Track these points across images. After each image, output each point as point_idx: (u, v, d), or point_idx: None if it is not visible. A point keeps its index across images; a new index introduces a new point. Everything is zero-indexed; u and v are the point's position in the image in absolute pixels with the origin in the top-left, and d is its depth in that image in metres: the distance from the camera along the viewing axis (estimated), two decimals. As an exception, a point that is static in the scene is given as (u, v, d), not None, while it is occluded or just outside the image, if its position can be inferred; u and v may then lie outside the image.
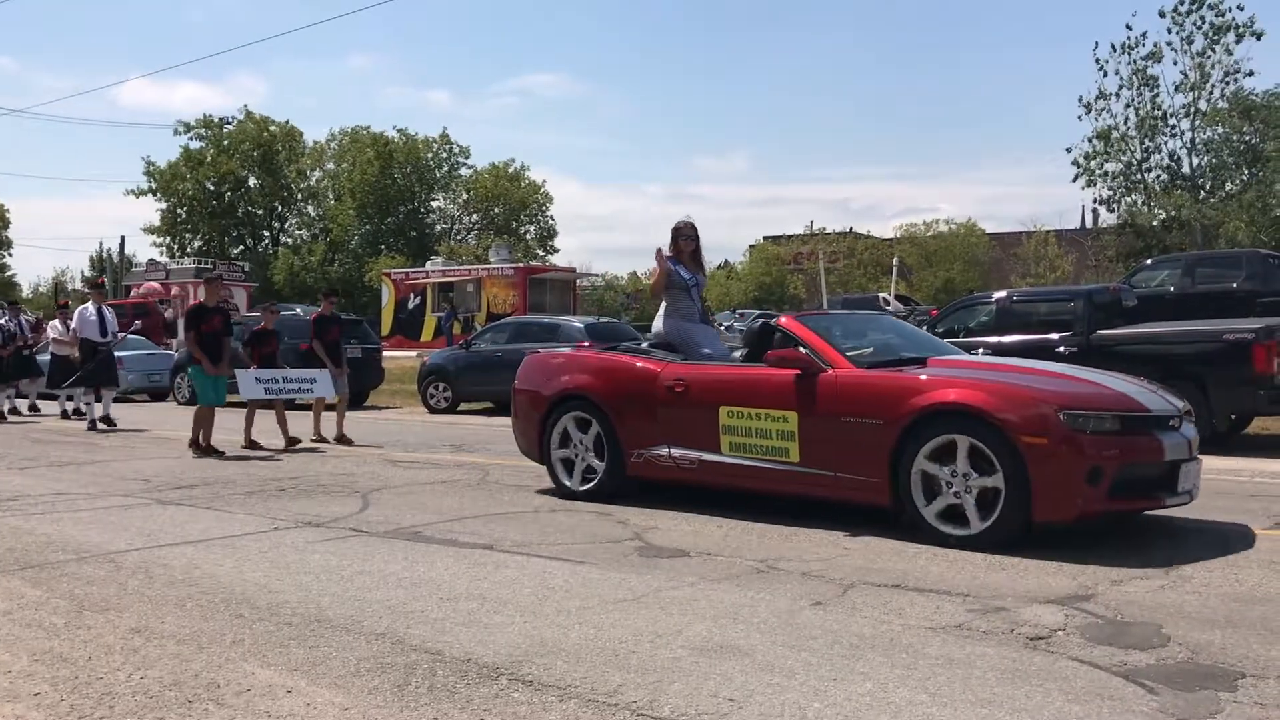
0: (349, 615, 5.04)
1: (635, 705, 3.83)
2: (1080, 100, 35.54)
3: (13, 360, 18.82)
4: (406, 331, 36.98)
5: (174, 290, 40.37)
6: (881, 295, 33.75)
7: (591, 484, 8.50)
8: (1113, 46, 35.02)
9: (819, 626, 4.83)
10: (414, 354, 29.66)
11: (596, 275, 54.91)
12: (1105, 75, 35.20)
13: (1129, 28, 34.80)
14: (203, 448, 12.27)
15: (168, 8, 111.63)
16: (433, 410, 20.07)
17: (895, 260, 39.45)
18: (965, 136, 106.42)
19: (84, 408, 16.97)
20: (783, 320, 8.06)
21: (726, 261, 63.63)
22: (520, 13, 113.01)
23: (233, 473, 10.48)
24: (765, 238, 62.56)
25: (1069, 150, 36.08)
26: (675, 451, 7.99)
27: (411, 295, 37.90)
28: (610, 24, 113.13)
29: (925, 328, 14.92)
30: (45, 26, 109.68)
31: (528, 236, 63.02)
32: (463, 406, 20.11)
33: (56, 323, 19.04)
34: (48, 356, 18.71)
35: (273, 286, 55.76)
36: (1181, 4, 33.74)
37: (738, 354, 8.64)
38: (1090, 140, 35.67)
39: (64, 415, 18.72)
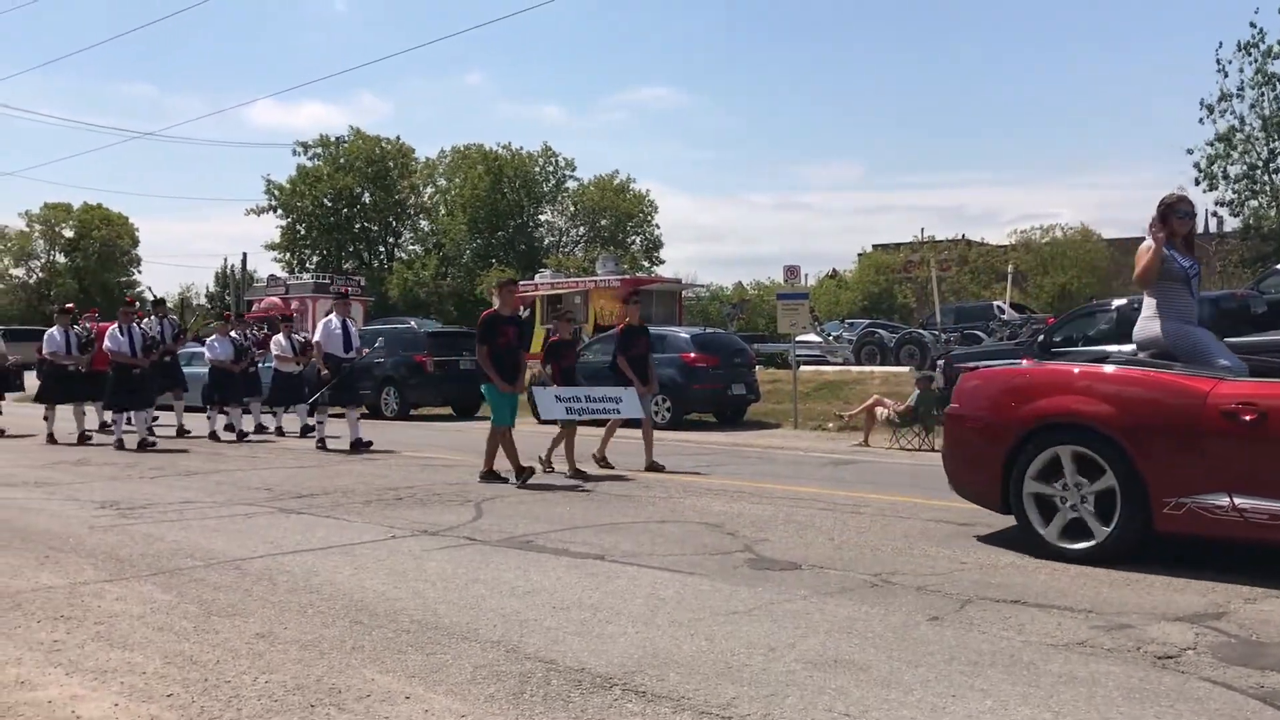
0: (465, 623, 5.12)
1: (750, 719, 3.81)
2: (1202, 102, 34.37)
3: (156, 369, 16.27)
4: (517, 343, 37.46)
5: (294, 305, 41.57)
6: (996, 303, 32.95)
7: (1095, 542, 6.44)
8: (1238, 45, 33.75)
9: (936, 642, 4.74)
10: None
11: (702, 286, 54.84)
12: (1226, 76, 33.96)
13: (1253, 25, 33.48)
14: (509, 471, 10.67)
15: (293, 31, 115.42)
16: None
17: (1010, 267, 38.54)
18: (1084, 139, 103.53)
19: (316, 426, 15.09)
20: None
21: (835, 271, 62.98)
22: (633, 28, 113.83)
23: (351, 482, 10.74)
24: (874, 246, 61.77)
25: (1190, 152, 34.92)
26: (1246, 502, 5.91)
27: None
28: (718, 35, 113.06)
29: (1041, 336, 14.60)
30: (180, 53, 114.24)
31: (634, 248, 63.30)
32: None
33: (280, 337, 17.61)
34: (233, 370, 16.98)
35: (387, 301, 57.02)
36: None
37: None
38: (1212, 143, 34.45)
39: (213, 436, 16.38)
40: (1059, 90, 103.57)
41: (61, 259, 69.98)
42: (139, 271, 74.35)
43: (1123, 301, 14.31)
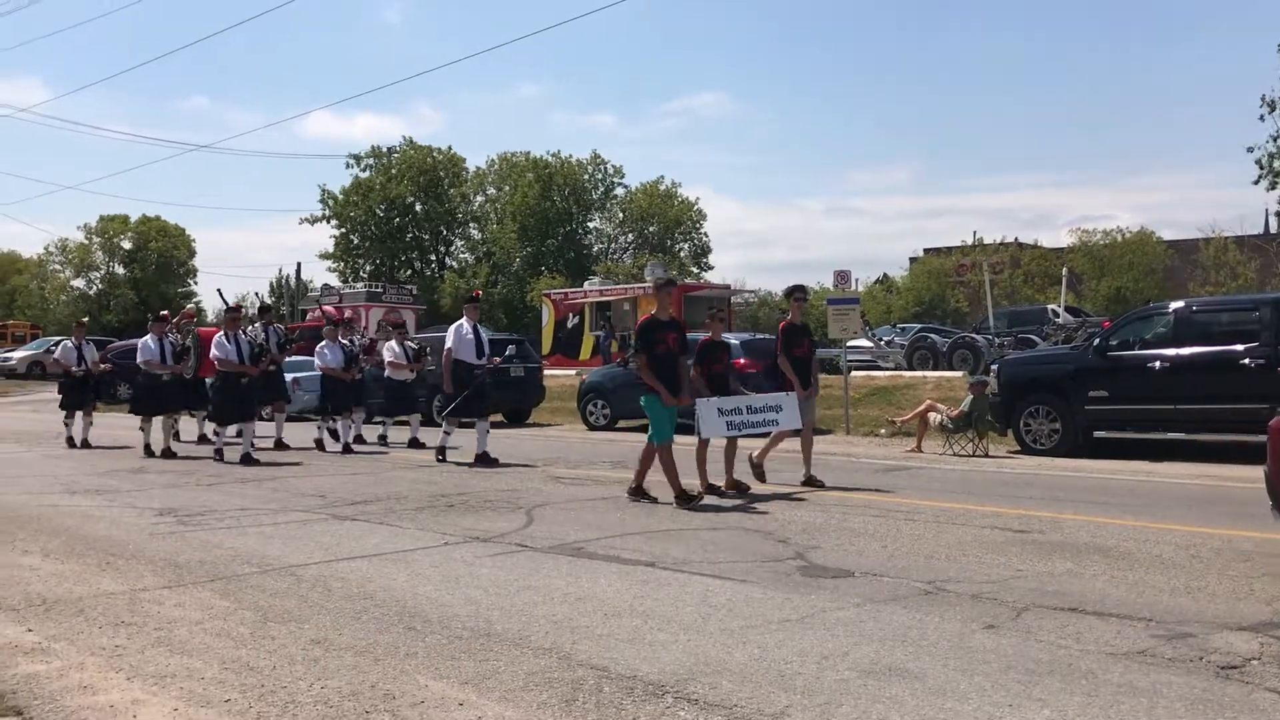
0: (516, 630, 5.14)
1: (802, 727, 3.78)
2: (1263, 99, 33.72)
3: (262, 379, 15.31)
4: (566, 350, 37.55)
5: (347, 313, 42.03)
6: (1050, 307, 32.53)
7: None
8: (1300, 40, 33.08)
9: (992, 650, 4.68)
10: (573, 372, 30.11)
11: (750, 292, 54.67)
12: (1288, 72, 33.32)
13: (1315, 20, 32.78)
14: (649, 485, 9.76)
15: (349, 43, 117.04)
16: (592, 427, 20.33)
17: (1065, 270, 38.00)
18: (1142, 139, 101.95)
19: (443, 437, 14.06)
20: None
21: (885, 275, 62.54)
22: (685, 35, 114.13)
23: (404, 489, 10.83)
24: (926, 250, 61.23)
25: (1250, 150, 34.29)
26: None
27: (570, 315, 38.50)
28: (770, 41, 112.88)
29: (1097, 340, 14.38)
30: (236, 66, 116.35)
31: (681, 254, 63.29)
32: (621, 423, 20.31)
33: (393, 344, 16.99)
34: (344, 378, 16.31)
35: (439, 309, 57.48)
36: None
37: None
38: (1274, 140, 33.80)
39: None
40: (1115, 89, 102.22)
41: (120, 270, 71.31)
42: (196, 282, 75.65)
43: (1180, 304, 14.06)
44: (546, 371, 25.10)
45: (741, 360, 18.71)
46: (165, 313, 18.15)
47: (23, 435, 19.49)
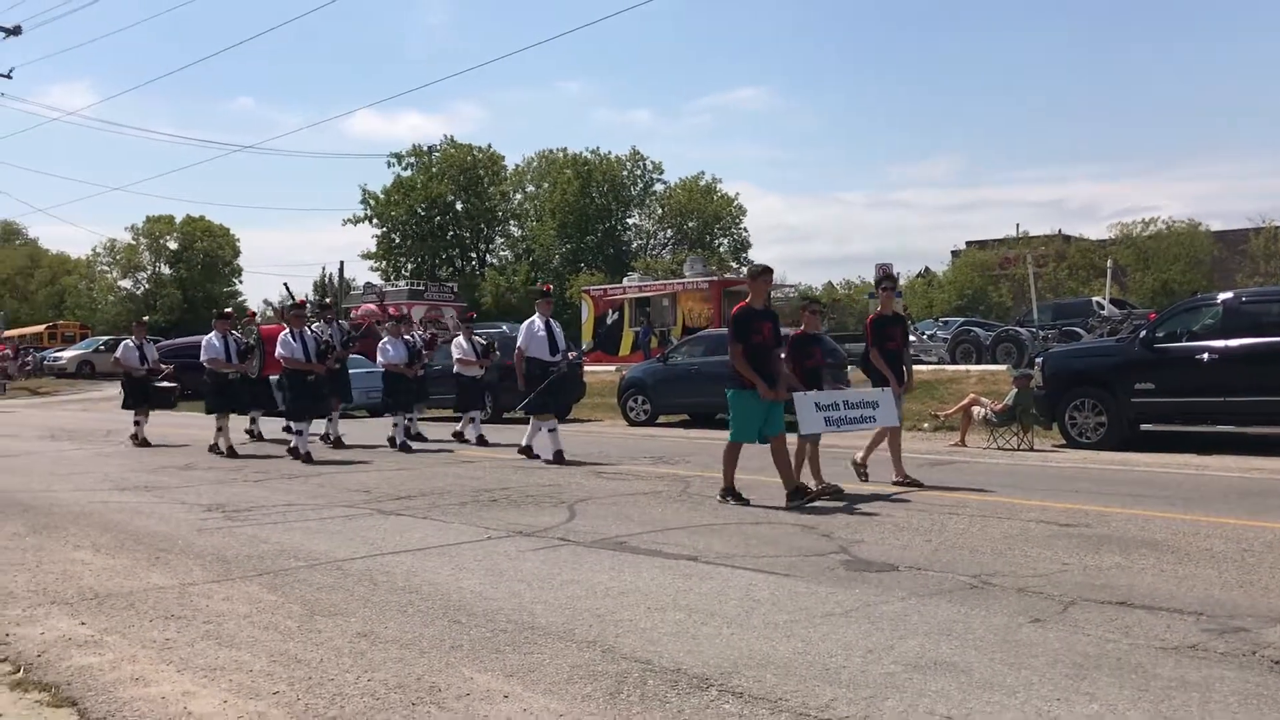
0: (560, 623, 5.15)
1: (848, 720, 3.76)
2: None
3: (328, 377, 15.03)
4: (605, 346, 37.60)
5: (390, 311, 42.32)
6: (1095, 299, 32.11)
7: None
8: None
9: (1039, 644, 4.63)
10: (613, 368, 30.15)
11: (790, 287, 54.46)
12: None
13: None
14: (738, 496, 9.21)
15: (393, 43, 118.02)
16: (632, 423, 20.34)
17: (1110, 262, 37.51)
18: (1190, 130, 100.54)
19: (532, 433, 13.63)
20: None
21: (927, 269, 62.07)
22: (723, 29, 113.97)
23: (447, 484, 10.89)
24: (969, 243, 60.71)
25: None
26: None
27: (610, 311, 38.54)
28: (809, 34, 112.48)
29: (1143, 332, 14.18)
30: (280, 66, 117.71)
31: (721, 249, 63.20)
32: (661, 419, 20.31)
33: (461, 339, 16.71)
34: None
35: (480, 307, 57.80)
36: None
37: None
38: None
39: (394, 444, 15.29)
40: (1162, 80, 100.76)
41: (166, 270, 72.28)
42: (240, 281, 76.55)
43: (1229, 295, 13.83)
44: (586, 367, 25.14)
45: (782, 355, 18.64)
46: (229, 309, 17.95)
47: (74, 433, 19.81)
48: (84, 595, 6.02)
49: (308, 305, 17.45)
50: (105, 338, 49.38)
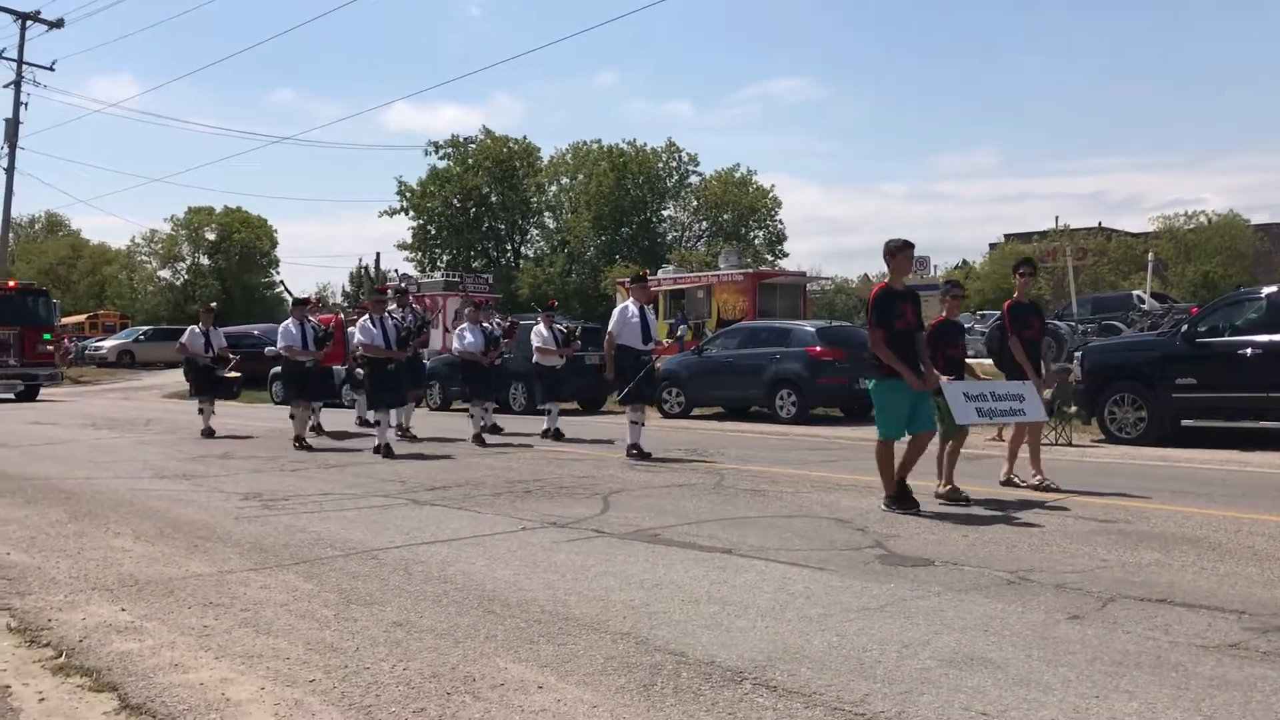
0: (594, 614, 5.16)
1: (884, 716, 3.74)
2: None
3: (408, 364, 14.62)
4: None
5: (426, 302, 42.52)
6: (1136, 293, 31.76)
7: None
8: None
9: (1077, 641, 4.59)
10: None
11: (826, 279, 54.26)
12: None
13: None
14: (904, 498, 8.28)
15: (431, 35, 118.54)
16: (666, 415, 20.32)
17: (1151, 256, 37.04)
18: (1230, 120, 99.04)
19: (631, 426, 12.83)
20: None
21: (964, 261, 61.62)
22: (762, 19, 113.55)
23: (481, 475, 10.93)
24: (1007, 235, 60.24)
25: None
26: None
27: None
28: (850, 25, 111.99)
29: (1185, 326, 14.00)
30: (320, 58, 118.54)
31: (756, 242, 62.96)
32: (695, 411, 20.28)
33: (541, 327, 16.30)
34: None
35: (517, 299, 57.95)
36: None
37: None
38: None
39: (478, 439, 14.42)
40: (1204, 69, 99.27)
41: (205, 261, 73.00)
42: (278, 272, 77.15)
43: (1273, 289, 13.61)
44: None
45: (818, 349, 18.61)
46: (308, 295, 17.67)
47: (115, 422, 20.05)
48: (124, 582, 6.09)
49: (389, 290, 16.66)
50: (145, 327, 50.04)
